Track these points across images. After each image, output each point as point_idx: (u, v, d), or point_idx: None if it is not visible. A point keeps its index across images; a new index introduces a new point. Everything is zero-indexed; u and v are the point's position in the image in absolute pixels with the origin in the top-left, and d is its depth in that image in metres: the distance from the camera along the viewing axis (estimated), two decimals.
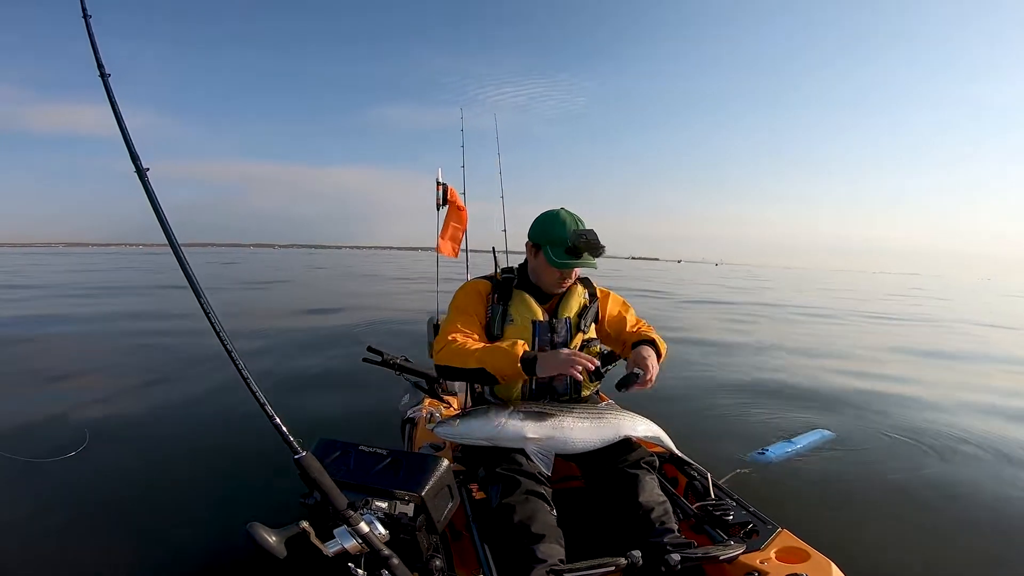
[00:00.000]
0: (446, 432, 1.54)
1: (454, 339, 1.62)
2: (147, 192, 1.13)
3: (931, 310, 17.90)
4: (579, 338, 1.76)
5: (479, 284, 1.80)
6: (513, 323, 1.70)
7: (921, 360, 7.47)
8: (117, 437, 3.57)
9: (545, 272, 1.72)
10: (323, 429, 3.44)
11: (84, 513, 2.55)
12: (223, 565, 2.06)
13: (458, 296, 1.80)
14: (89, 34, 1.19)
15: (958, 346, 9.15)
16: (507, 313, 1.71)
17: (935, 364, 7.21)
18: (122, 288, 15.64)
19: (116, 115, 1.15)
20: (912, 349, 8.40)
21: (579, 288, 1.82)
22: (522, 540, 1.31)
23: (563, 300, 1.77)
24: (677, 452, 1.81)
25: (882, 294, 27.12)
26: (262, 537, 0.90)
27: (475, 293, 1.77)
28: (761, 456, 3.17)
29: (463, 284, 1.83)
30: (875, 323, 12.59)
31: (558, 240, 1.65)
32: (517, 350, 1.54)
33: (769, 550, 1.33)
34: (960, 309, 19.39)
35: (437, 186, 3.66)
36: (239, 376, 1.05)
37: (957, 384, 5.83)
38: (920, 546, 2.35)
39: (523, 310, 1.72)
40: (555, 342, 1.72)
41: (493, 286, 1.78)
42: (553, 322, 1.73)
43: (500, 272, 1.84)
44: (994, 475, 3.17)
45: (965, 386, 5.75)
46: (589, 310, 1.80)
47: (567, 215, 1.70)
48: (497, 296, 1.75)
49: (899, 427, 3.95)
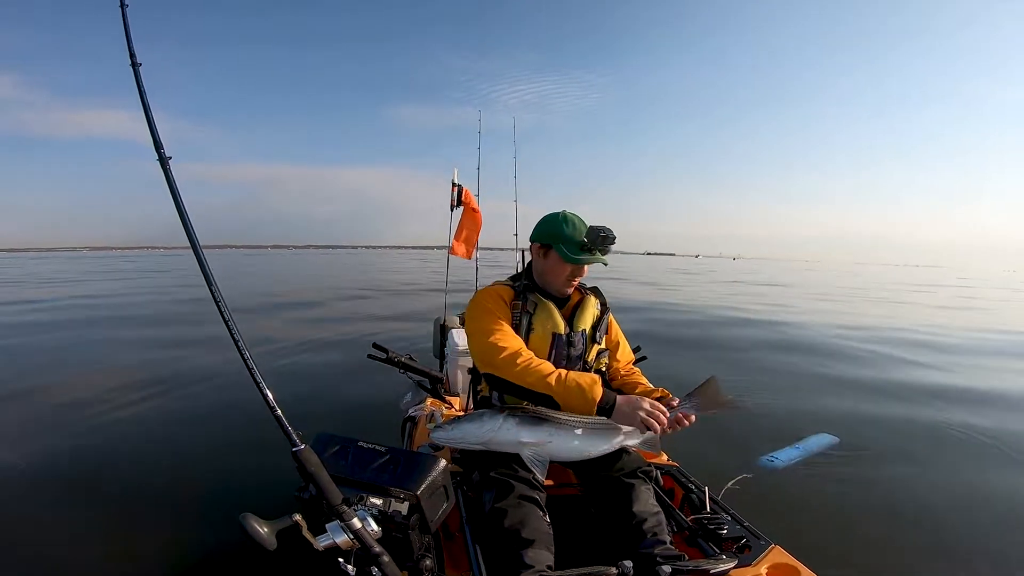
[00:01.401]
0: (442, 437, 1.55)
1: (522, 354, 1.56)
2: (168, 180, 1.15)
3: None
4: (594, 350, 1.77)
5: (502, 291, 1.76)
6: (535, 333, 1.69)
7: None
8: (117, 425, 3.64)
9: (555, 272, 1.72)
10: (325, 423, 3.47)
11: (81, 501, 2.60)
12: (219, 553, 2.10)
13: (485, 302, 1.72)
14: (124, 22, 1.20)
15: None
16: (531, 324, 1.69)
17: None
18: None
19: (144, 104, 1.17)
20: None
21: (593, 299, 1.81)
22: (512, 544, 1.32)
23: (578, 311, 1.76)
24: (676, 464, 1.80)
25: (941, 287, 26.66)
26: (253, 528, 0.92)
27: (500, 299, 1.73)
28: (771, 463, 3.19)
29: (486, 289, 1.79)
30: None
31: (570, 238, 1.65)
32: (594, 395, 1.49)
33: (760, 566, 1.33)
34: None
35: (452, 187, 3.68)
36: (244, 367, 1.07)
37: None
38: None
39: (546, 321, 1.70)
40: (572, 356, 1.72)
41: (515, 293, 1.75)
42: (571, 335, 1.72)
43: (511, 280, 1.82)
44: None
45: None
46: (602, 322, 1.80)
47: (573, 215, 1.72)
48: (519, 303, 1.72)
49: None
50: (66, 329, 8.17)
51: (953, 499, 2.91)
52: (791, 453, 3.30)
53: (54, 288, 16.83)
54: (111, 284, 18.38)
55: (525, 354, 1.56)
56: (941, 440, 3.85)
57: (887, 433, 3.93)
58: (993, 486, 3.08)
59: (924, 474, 3.21)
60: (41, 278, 21.79)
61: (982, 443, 3.80)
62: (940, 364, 6.72)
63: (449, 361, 3.18)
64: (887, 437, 3.84)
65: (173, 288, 16.56)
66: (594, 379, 1.53)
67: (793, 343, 7.88)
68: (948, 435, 3.95)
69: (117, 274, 24.78)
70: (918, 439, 3.84)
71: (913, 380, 5.77)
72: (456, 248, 3.80)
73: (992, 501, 2.91)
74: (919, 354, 7.33)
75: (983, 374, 6.26)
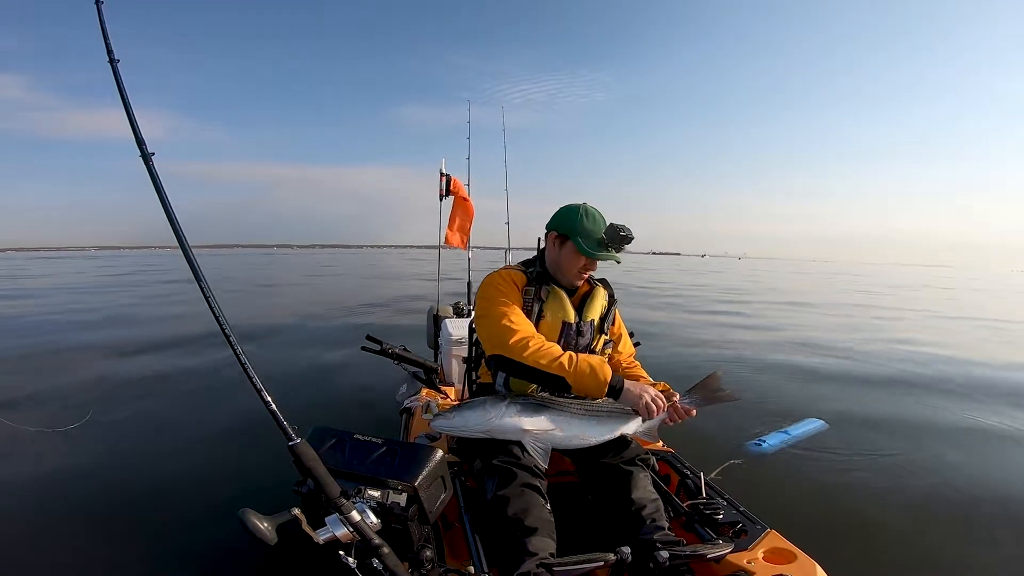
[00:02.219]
0: (443, 425, 1.54)
1: (535, 338, 1.56)
2: (152, 177, 1.14)
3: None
4: (600, 340, 1.78)
5: (515, 275, 1.75)
6: (545, 320, 1.69)
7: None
8: (114, 423, 3.61)
9: (569, 263, 1.71)
10: (321, 417, 3.46)
11: (77, 496, 2.57)
12: (219, 550, 2.09)
13: (498, 284, 1.71)
14: (100, 20, 1.19)
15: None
16: (542, 311, 1.70)
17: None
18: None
19: (124, 101, 1.16)
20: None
21: (602, 290, 1.82)
22: (515, 533, 1.32)
23: (588, 301, 1.77)
24: (671, 451, 1.82)
25: (962, 288, 26.14)
26: (253, 523, 0.91)
27: (512, 284, 1.72)
28: (758, 447, 3.20)
29: (498, 272, 1.77)
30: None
31: (588, 231, 1.65)
32: (605, 375, 1.53)
33: (757, 550, 1.35)
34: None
35: (440, 177, 3.65)
36: (238, 363, 1.06)
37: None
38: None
39: (557, 309, 1.70)
40: (580, 345, 1.73)
41: (528, 279, 1.75)
42: (580, 324, 1.73)
43: (523, 265, 1.82)
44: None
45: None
46: (610, 313, 1.82)
47: (593, 209, 1.71)
48: (534, 291, 1.72)
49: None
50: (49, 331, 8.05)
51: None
52: (779, 438, 3.31)
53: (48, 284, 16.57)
54: (99, 281, 18.16)
55: (537, 338, 1.57)
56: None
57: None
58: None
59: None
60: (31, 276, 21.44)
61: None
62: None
63: (443, 351, 3.17)
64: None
65: (163, 283, 16.40)
66: (601, 360, 1.58)
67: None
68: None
69: (109, 271, 24.43)
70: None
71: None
72: (450, 238, 3.78)
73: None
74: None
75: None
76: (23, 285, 16.50)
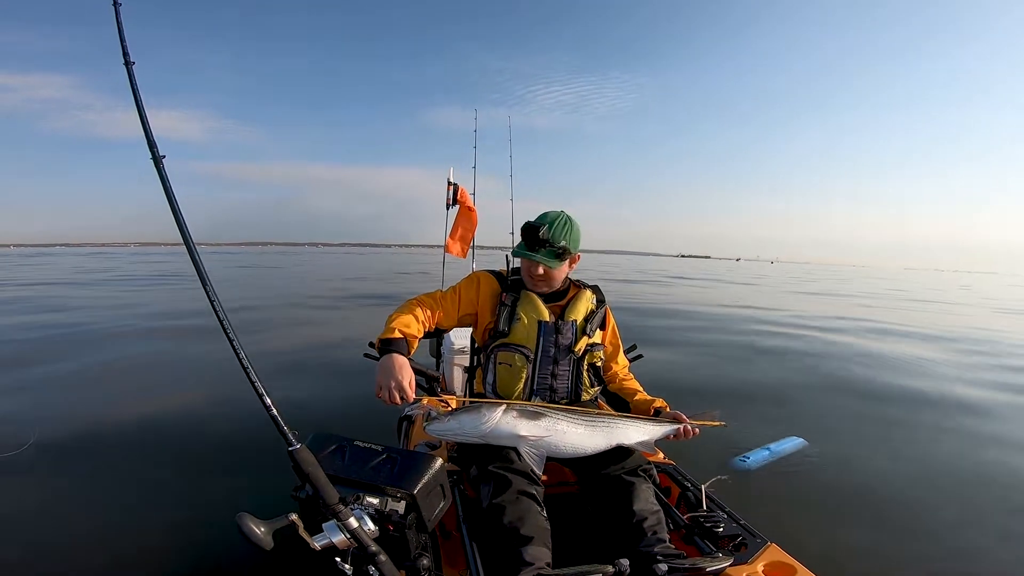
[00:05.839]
0: (439, 429, 1.54)
1: (409, 307, 1.71)
2: (162, 180, 1.14)
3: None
4: (584, 341, 1.78)
5: (490, 280, 1.85)
6: (520, 321, 1.74)
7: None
8: (113, 423, 3.61)
9: (523, 269, 1.80)
10: (321, 423, 3.46)
11: (77, 499, 2.58)
12: (215, 554, 2.09)
13: (464, 282, 1.86)
14: (117, 21, 1.20)
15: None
16: (515, 312, 1.75)
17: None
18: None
19: (137, 103, 1.16)
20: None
21: (588, 293, 1.85)
22: (511, 541, 1.32)
23: (571, 303, 1.80)
24: (671, 463, 1.81)
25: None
26: (249, 528, 0.91)
27: (480, 285, 1.83)
28: (743, 463, 3.24)
29: (476, 272, 1.89)
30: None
31: (523, 233, 1.72)
32: (389, 334, 1.61)
33: (757, 564, 1.34)
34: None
35: (448, 186, 3.68)
36: (240, 366, 1.06)
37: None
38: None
39: (530, 310, 1.75)
40: (560, 344, 1.74)
41: (502, 284, 1.83)
42: (559, 324, 1.75)
43: (509, 271, 1.88)
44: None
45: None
46: (596, 315, 1.83)
47: (557, 214, 1.76)
48: (506, 295, 1.79)
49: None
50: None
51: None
52: (762, 454, 3.37)
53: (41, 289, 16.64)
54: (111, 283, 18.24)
55: (409, 309, 1.69)
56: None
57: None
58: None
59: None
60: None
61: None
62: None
63: (445, 360, 3.19)
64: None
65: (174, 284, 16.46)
66: (403, 328, 1.64)
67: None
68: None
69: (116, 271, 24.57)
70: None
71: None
72: (451, 246, 3.80)
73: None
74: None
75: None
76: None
